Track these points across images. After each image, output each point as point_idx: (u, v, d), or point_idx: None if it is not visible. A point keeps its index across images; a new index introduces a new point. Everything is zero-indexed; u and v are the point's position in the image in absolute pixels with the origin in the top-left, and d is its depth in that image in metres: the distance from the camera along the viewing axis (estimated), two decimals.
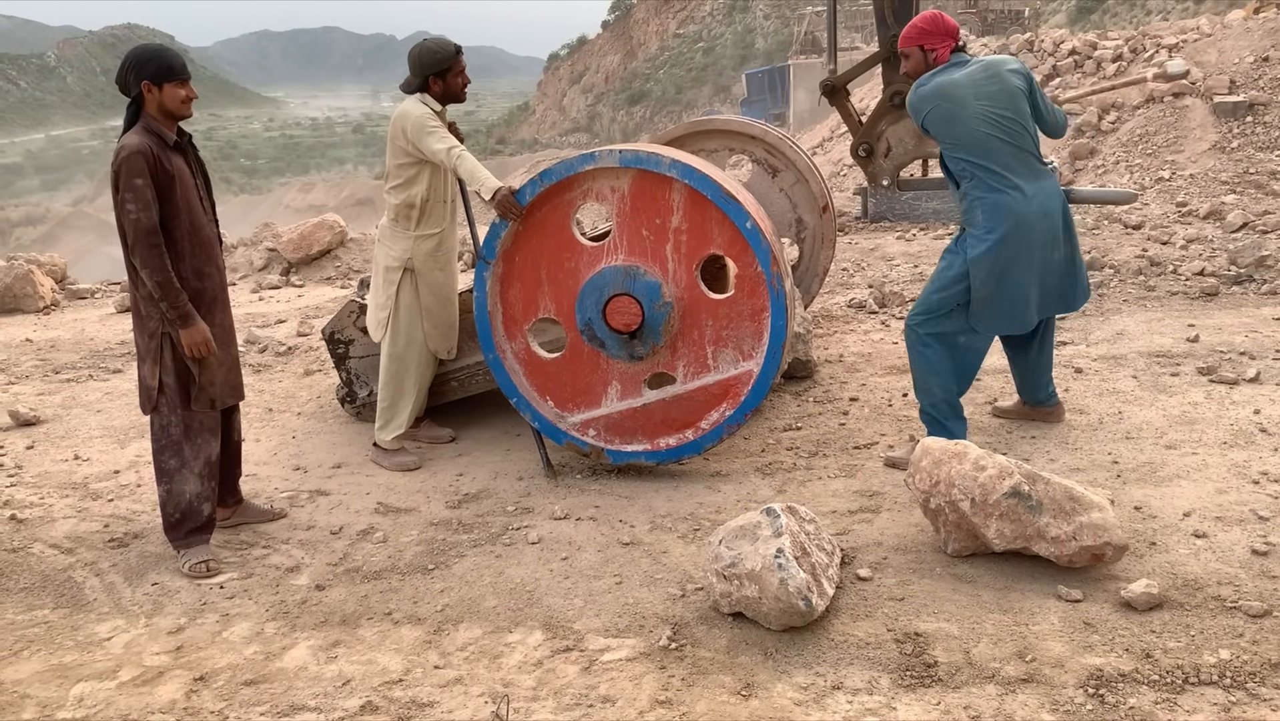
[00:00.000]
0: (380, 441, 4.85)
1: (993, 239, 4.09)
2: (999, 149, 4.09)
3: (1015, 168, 4.10)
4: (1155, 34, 13.79)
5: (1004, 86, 4.12)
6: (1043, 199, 4.12)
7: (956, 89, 4.09)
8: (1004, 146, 4.09)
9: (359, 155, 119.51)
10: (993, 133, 4.08)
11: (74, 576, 3.86)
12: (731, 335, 4.25)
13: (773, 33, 78.01)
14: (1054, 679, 2.82)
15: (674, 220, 4.19)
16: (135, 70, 3.70)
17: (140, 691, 3.07)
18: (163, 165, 3.66)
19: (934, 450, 3.55)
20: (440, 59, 4.49)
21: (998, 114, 4.08)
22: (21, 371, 6.90)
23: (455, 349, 4.97)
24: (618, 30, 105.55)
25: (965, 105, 4.08)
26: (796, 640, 3.09)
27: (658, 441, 4.40)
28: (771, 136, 6.05)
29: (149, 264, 3.63)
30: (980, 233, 4.12)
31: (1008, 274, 4.13)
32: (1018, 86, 4.14)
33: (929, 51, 4.23)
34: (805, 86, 33.80)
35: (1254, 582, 3.22)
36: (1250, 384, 4.98)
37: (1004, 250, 4.09)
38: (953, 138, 4.15)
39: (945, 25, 4.24)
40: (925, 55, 4.24)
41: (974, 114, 4.08)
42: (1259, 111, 11.21)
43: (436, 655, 3.18)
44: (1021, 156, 4.13)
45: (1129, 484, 4.01)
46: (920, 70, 4.26)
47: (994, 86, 4.11)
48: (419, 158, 4.50)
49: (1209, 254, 7.33)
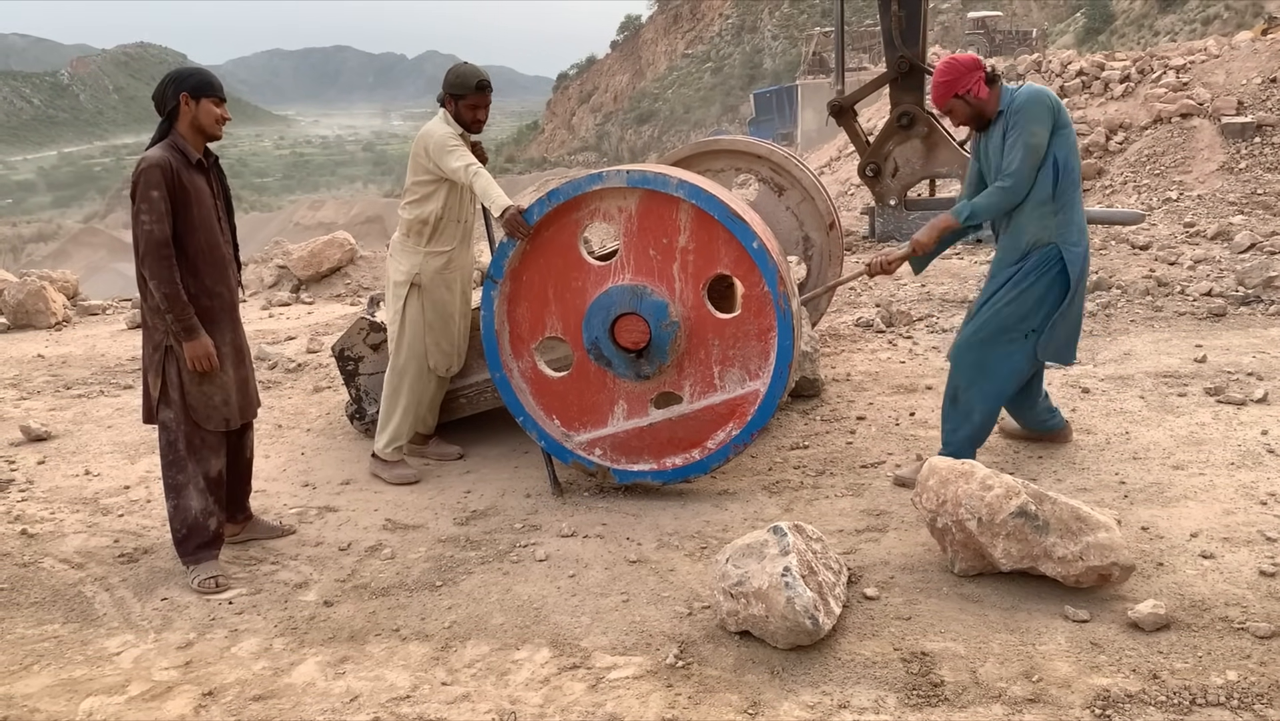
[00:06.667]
0: (378, 451, 4.89)
1: (1084, 248, 4.11)
2: (1077, 173, 4.14)
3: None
4: (1163, 55, 13.82)
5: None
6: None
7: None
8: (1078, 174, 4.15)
9: (369, 173, 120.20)
10: (1075, 151, 4.14)
11: (84, 591, 3.88)
12: (738, 355, 4.27)
13: (780, 53, 78.37)
14: (1061, 699, 2.82)
15: (681, 240, 4.22)
16: (176, 83, 3.78)
17: (149, 706, 3.08)
18: (181, 181, 3.71)
19: (941, 469, 3.56)
20: (459, 85, 4.59)
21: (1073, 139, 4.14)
22: (33, 387, 6.95)
23: (456, 367, 5.00)
24: (626, 50, 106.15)
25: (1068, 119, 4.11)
26: (803, 659, 3.09)
27: (664, 461, 4.41)
28: (777, 155, 6.09)
29: (158, 275, 3.68)
30: (1075, 239, 4.10)
31: (1078, 292, 4.13)
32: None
33: (965, 94, 4.10)
34: (813, 106, 33.93)
35: (1261, 604, 3.21)
36: (1258, 404, 4.97)
37: (1087, 262, 4.11)
38: (1067, 143, 4.09)
39: (965, 63, 4.12)
40: (965, 99, 4.11)
41: (1070, 129, 4.10)
42: (1267, 132, 11.23)
43: (444, 672, 3.19)
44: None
45: (1136, 504, 4.01)
46: (971, 116, 4.16)
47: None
48: (438, 175, 4.57)
49: (1216, 274, 7.34)
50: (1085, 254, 4.13)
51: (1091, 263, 7.17)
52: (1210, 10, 45.23)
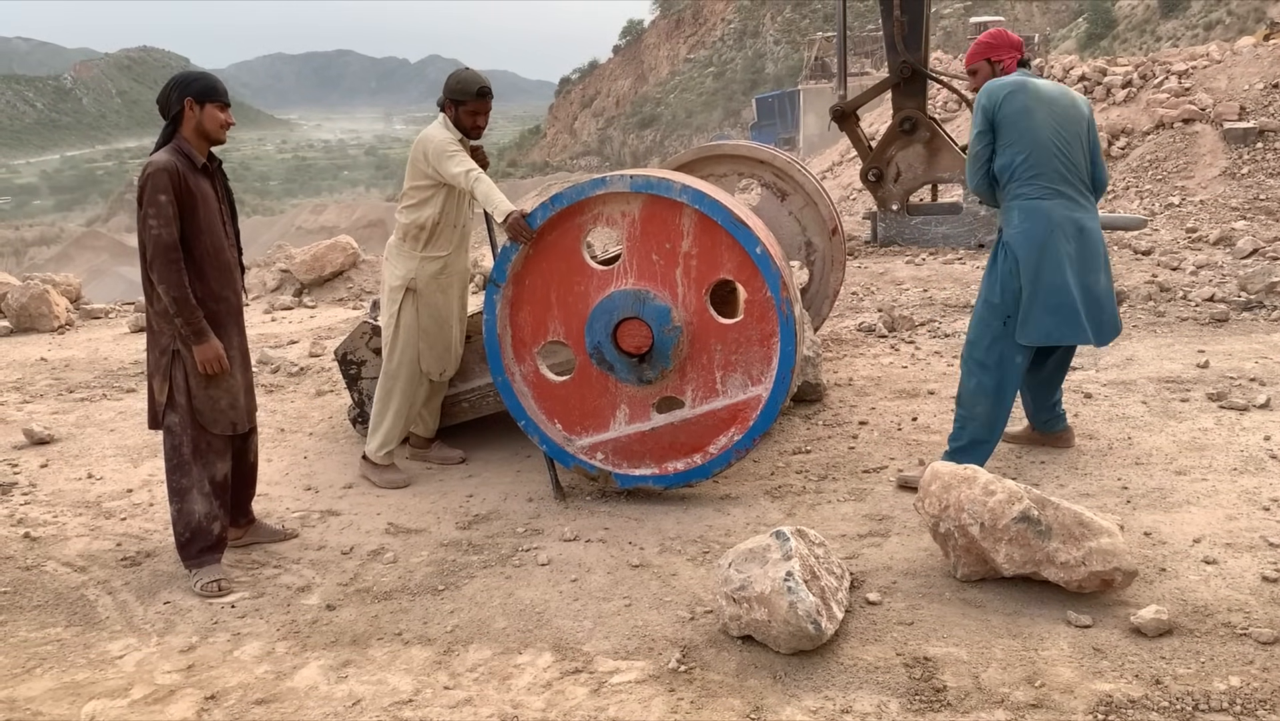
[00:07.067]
0: (369, 454, 4.89)
1: (1027, 226, 4.11)
2: (1053, 161, 4.12)
3: (1061, 183, 4.13)
4: (1165, 60, 13.84)
5: (1078, 109, 4.22)
6: (1082, 216, 4.16)
7: (1036, 90, 4.15)
8: (1058, 162, 4.12)
9: (371, 177, 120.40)
10: (1055, 142, 4.12)
11: (87, 594, 3.88)
12: (740, 360, 4.27)
13: (783, 58, 78.47)
14: (1063, 704, 2.82)
15: (684, 245, 4.22)
16: (180, 88, 3.79)
17: (152, 710, 3.09)
18: (188, 185, 3.72)
19: (943, 474, 3.56)
20: (460, 90, 4.60)
21: (1064, 129, 4.14)
22: (36, 390, 6.96)
23: (450, 371, 5.00)
24: (629, 55, 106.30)
25: (1041, 106, 4.12)
26: (805, 663, 3.09)
27: (665, 465, 4.41)
28: (780, 160, 6.09)
29: (166, 279, 3.68)
30: (1015, 223, 4.14)
31: (1042, 270, 4.10)
32: (1087, 116, 4.25)
33: (996, 63, 4.31)
34: (815, 111, 33.95)
35: (1264, 609, 3.21)
36: (1260, 410, 4.97)
37: (1037, 240, 4.08)
38: (1018, 133, 4.13)
39: (1010, 39, 4.33)
40: (993, 67, 4.31)
41: (1045, 117, 4.12)
42: (1269, 138, 11.24)
43: (446, 676, 3.19)
44: (1070, 178, 4.15)
45: (1139, 509, 4.01)
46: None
47: (1068, 103, 4.20)
48: (437, 180, 4.58)
49: (1219, 280, 7.34)
50: (1030, 233, 4.09)
51: None
52: (1212, 16, 45.28)
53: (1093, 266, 4.17)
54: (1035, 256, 4.09)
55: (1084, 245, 4.13)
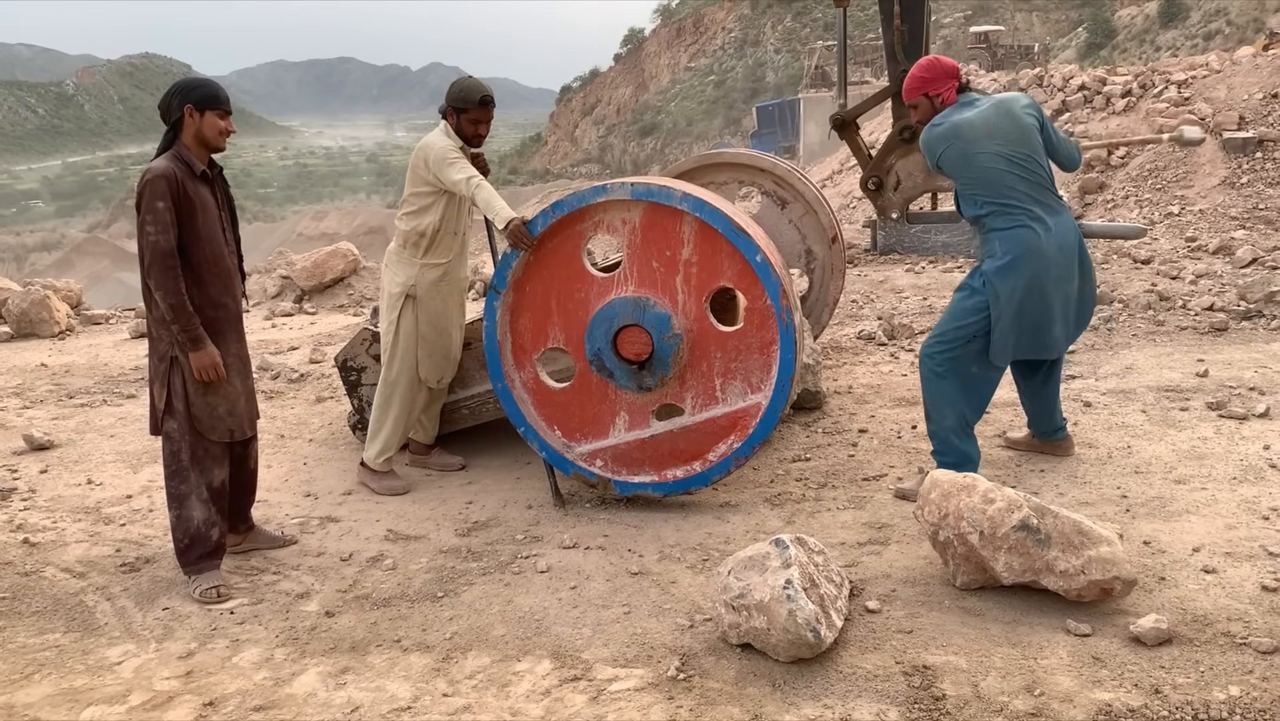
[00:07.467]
0: (368, 461, 4.89)
1: (1010, 258, 4.10)
2: (1015, 186, 4.12)
3: (1031, 204, 4.13)
4: (1164, 70, 13.87)
5: (1017, 124, 4.16)
6: (1059, 233, 4.14)
7: (970, 129, 4.13)
8: (1020, 183, 4.12)
9: (372, 184, 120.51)
10: (1008, 169, 4.11)
11: (85, 600, 3.88)
12: (740, 368, 4.28)
13: (783, 67, 78.63)
14: (1062, 713, 2.81)
15: (684, 252, 4.23)
16: (181, 94, 3.80)
17: (150, 716, 3.08)
18: (186, 192, 3.73)
19: (943, 482, 3.56)
20: (462, 99, 4.61)
21: (1012, 152, 4.12)
22: (36, 396, 6.96)
23: (448, 378, 5.00)
24: (629, 63, 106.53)
25: (979, 144, 4.11)
26: (805, 672, 3.09)
27: (665, 473, 4.41)
28: (780, 169, 6.10)
29: (163, 286, 3.69)
30: (998, 255, 4.14)
31: (1025, 303, 4.12)
32: (1030, 123, 4.18)
33: (934, 97, 4.28)
34: (815, 120, 34.04)
35: (1264, 619, 3.21)
36: (1260, 419, 4.97)
37: (1020, 273, 4.09)
38: (969, 177, 4.18)
39: (944, 67, 4.29)
40: (932, 101, 4.29)
41: (988, 153, 4.11)
42: (1268, 147, 11.26)
43: (445, 683, 3.19)
44: (1037, 192, 4.15)
45: (1138, 518, 4.01)
46: (930, 117, 4.30)
47: (1007, 124, 4.15)
48: (437, 187, 4.59)
49: (1218, 289, 7.34)
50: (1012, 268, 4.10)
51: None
52: (1211, 26, 45.36)
53: (1069, 275, 4.20)
54: (1019, 297, 4.11)
55: (1061, 259, 4.15)
